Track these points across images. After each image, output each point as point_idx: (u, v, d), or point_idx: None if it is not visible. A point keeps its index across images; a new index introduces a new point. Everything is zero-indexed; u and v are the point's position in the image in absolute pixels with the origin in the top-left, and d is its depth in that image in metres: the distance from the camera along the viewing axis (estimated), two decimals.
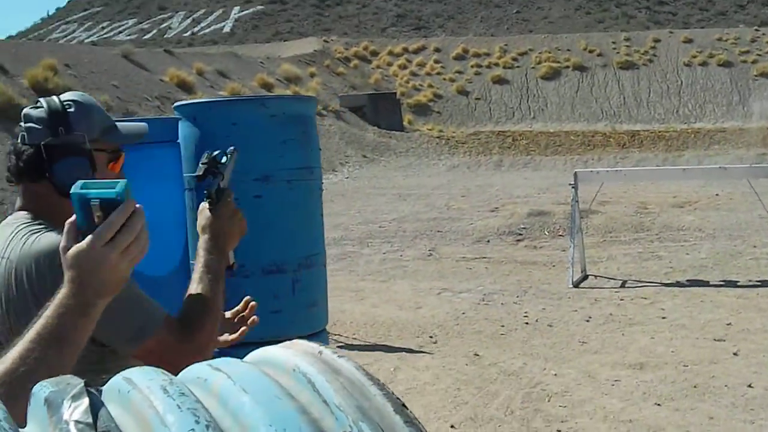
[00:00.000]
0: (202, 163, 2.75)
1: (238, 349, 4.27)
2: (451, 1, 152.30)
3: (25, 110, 2.57)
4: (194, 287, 2.53)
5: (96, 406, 0.94)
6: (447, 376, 7.93)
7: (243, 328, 2.93)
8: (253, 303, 3.03)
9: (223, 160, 2.79)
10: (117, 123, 2.66)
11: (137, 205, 1.77)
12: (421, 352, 8.85)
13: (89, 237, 1.71)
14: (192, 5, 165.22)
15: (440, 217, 18.40)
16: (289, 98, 8.76)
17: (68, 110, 2.53)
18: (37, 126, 2.49)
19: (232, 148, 2.86)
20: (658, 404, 6.80)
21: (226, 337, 2.86)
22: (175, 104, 4.68)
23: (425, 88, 53.85)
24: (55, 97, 2.57)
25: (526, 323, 9.68)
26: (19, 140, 2.51)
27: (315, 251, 4.57)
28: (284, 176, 4.36)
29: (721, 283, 11.33)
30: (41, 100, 2.56)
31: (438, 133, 41.20)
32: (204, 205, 2.69)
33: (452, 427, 6.66)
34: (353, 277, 12.49)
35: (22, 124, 2.53)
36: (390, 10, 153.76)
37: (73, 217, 1.77)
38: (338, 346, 8.54)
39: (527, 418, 6.65)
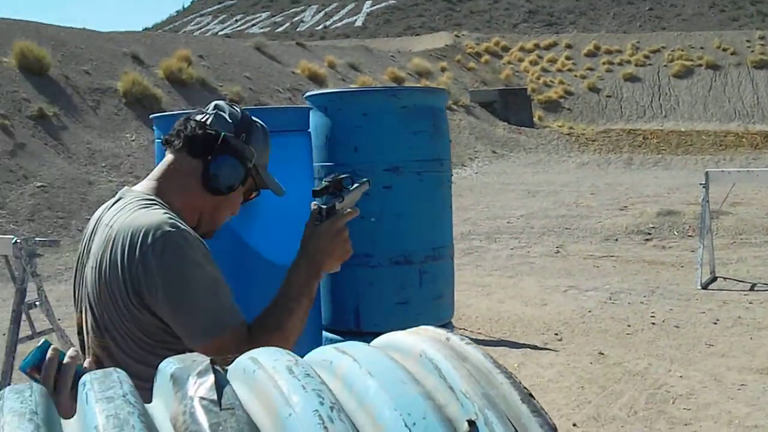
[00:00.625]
0: (326, 181, 2.78)
1: (364, 337, 4.28)
2: None
3: (222, 102, 2.77)
4: (274, 302, 2.57)
5: (221, 384, 0.94)
6: (571, 374, 7.86)
7: None
8: None
9: (350, 186, 2.83)
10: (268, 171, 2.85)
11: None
12: (546, 349, 8.79)
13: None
14: None
15: (569, 215, 18.22)
16: (420, 90, 8.76)
17: (255, 128, 2.75)
18: (228, 119, 2.68)
19: (366, 180, 2.96)
20: None
21: None
22: (306, 94, 4.71)
23: (556, 85, 53.54)
24: (248, 113, 2.80)
25: (653, 323, 9.52)
26: (202, 117, 2.68)
27: (443, 243, 4.56)
28: (414, 168, 4.34)
29: None
30: (238, 108, 2.79)
31: (568, 130, 40.82)
32: (312, 218, 2.74)
33: (574, 425, 6.60)
34: (480, 272, 12.46)
35: (210, 109, 2.73)
36: (522, 5, 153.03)
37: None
38: None
39: (650, 420, 6.55)
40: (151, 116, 4.58)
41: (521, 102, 42.49)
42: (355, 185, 2.86)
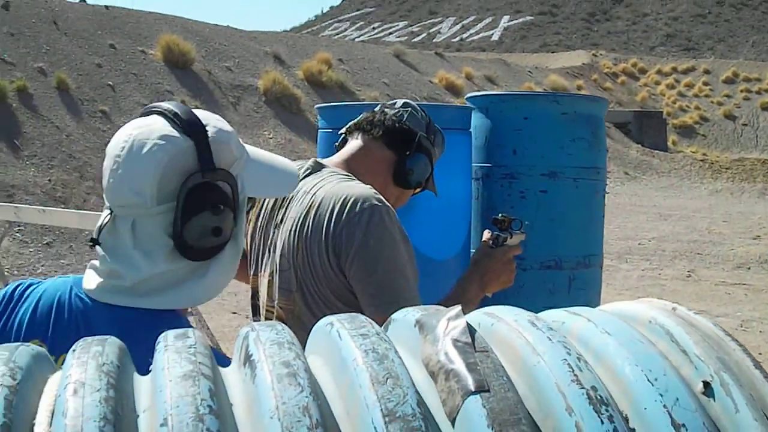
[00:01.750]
0: (503, 216, 3.01)
1: None
2: (722, 23, 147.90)
3: (410, 101, 2.94)
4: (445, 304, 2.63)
5: (471, 329, 0.97)
6: None
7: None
8: None
9: (516, 227, 3.04)
10: None
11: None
12: None
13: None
14: (462, 11, 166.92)
15: (700, 240, 17.87)
16: (581, 97, 8.68)
17: (438, 131, 2.93)
18: (420, 120, 2.86)
19: (525, 227, 3.12)
20: None
21: None
22: (468, 95, 4.76)
23: (692, 110, 52.54)
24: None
25: None
26: (396, 112, 2.83)
27: (594, 251, 4.55)
28: (571, 174, 4.35)
29: None
30: (424, 113, 2.92)
31: (701, 156, 39.95)
32: (486, 242, 2.97)
33: None
34: (610, 291, 12.30)
35: (399, 105, 2.89)
36: (660, 29, 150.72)
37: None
38: None
39: None
40: (317, 107, 4.67)
41: (656, 125, 41.78)
42: (521, 225, 3.08)
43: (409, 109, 2.84)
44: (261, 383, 0.86)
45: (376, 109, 2.91)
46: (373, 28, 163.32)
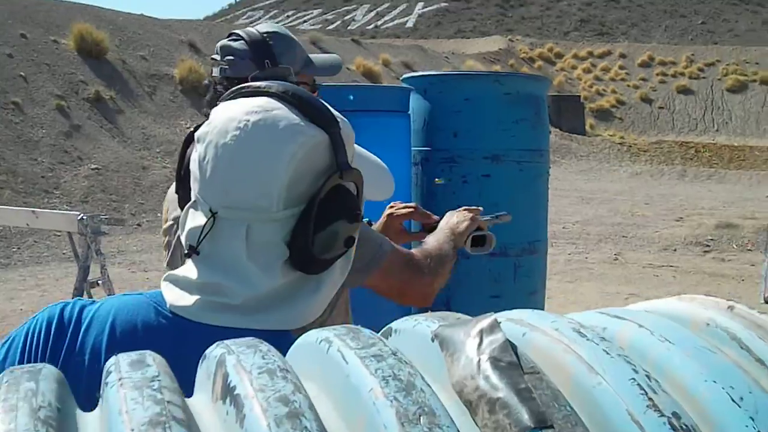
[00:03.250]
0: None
1: None
2: (636, 8, 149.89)
3: (223, 42, 2.55)
4: (434, 239, 2.50)
5: (512, 344, 0.77)
6: None
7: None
8: None
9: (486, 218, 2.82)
10: (313, 57, 2.64)
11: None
12: None
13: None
14: None
15: (624, 223, 17.95)
16: (524, 76, 8.49)
17: (270, 42, 2.50)
18: (240, 58, 2.46)
19: (504, 213, 3.01)
20: None
21: None
22: (405, 75, 4.56)
23: (608, 94, 53.05)
24: (253, 29, 2.54)
25: None
26: (218, 73, 2.49)
27: (539, 237, 4.40)
28: (514, 157, 4.18)
29: None
30: (239, 32, 2.53)
31: (619, 139, 40.32)
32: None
33: None
34: None
35: (216, 56, 2.50)
36: (574, 14, 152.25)
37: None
38: None
39: None
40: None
41: (574, 109, 42.02)
42: (492, 219, 2.89)
43: (220, 58, 2.52)
44: (254, 427, 0.64)
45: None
46: (288, 16, 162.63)
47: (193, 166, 1.43)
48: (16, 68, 20.17)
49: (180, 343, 1.35)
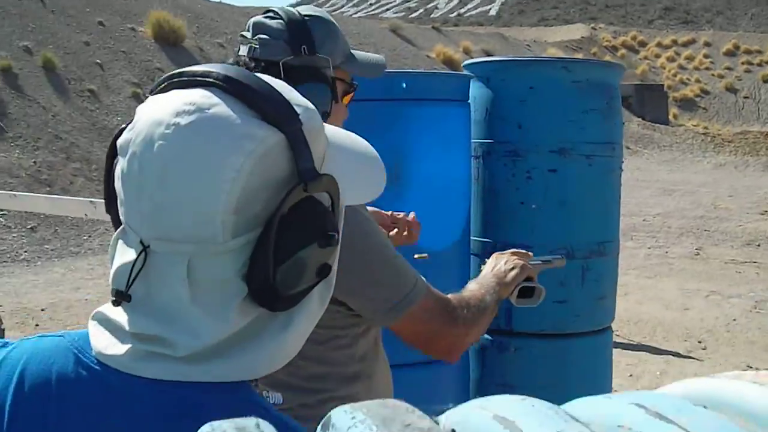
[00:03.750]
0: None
1: (514, 338, 3.79)
2: None
3: (257, 19, 2.13)
4: (477, 285, 2.27)
5: None
6: None
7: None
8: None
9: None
10: (356, 53, 2.28)
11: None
12: (689, 357, 8.23)
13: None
14: None
15: (707, 216, 17.47)
16: (594, 62, 8.03)
17: (311, 27, 2.15)
18: (274, 39, 2.11)
19: (559, 257, 2.72)
20: None
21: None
22: (466, 62, 4.25)
23: (692, 83, 52.18)
24: (294, 10, 2.16)
25: None
26: (246, 52, 2.12)
27: (609, 238, 4.05)
28: (584, 150, 3.84)
29: None
30: (277, 9, 2.17)
31: (703, 129, 39.53)
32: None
33: None
34: None
35: (247, 34, 2.13)
36: (658, 2, 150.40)
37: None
38: None
39: None
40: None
41: (657, 99, 41.30)
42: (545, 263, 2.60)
43: (252, 36, 2.15)
44: None
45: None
46: (370, 4, 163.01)
47: (117, 185, 1.10)
48: (92, 56, 20.27)
49: (104, 401, 1.07)
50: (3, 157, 14.78)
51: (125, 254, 1.08)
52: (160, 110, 1.06)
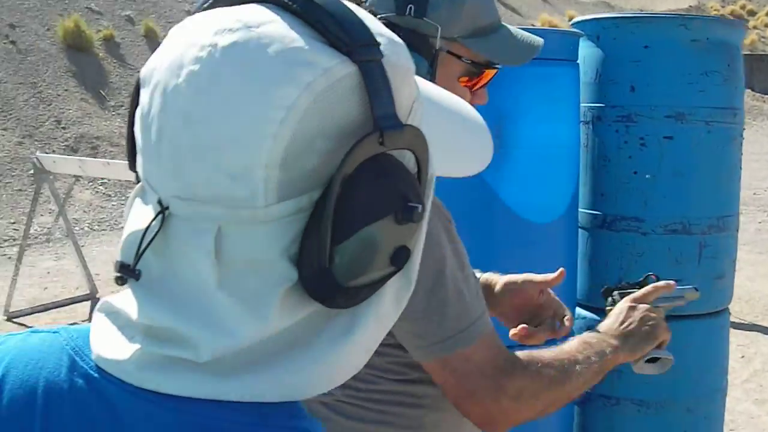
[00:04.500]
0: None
1: None
2: None
3: None
4: (585, 342, 1.80)
5: None
6: None
7: (543, 335, 1.99)
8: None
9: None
10: (506, 30, 1.87)
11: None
12: None
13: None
14: None
15: None
16: (714, 20, 7.58)
17: None
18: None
19: (691, 288, 2.16)
20: None
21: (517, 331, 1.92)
22: (575, 19, 3.96)
23: None
24: None
25: None
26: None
27: (729, 211, 3.74)
28: (702, 116, 3.54)
29: None
30: None
31: None
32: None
33: None
34: None
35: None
36: None
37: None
38: None
39: None
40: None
41: (766, 69, 40.24)
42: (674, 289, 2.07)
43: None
44: None
45: None
46: None
47: (136, 128, 0.83)
48: None
49: (100, 420, 0.81)
50: (104, 125, 14.87)
51: (140, 219, 0.82)
52: (196, 30, 0.79)
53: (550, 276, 2.05)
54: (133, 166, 0.88)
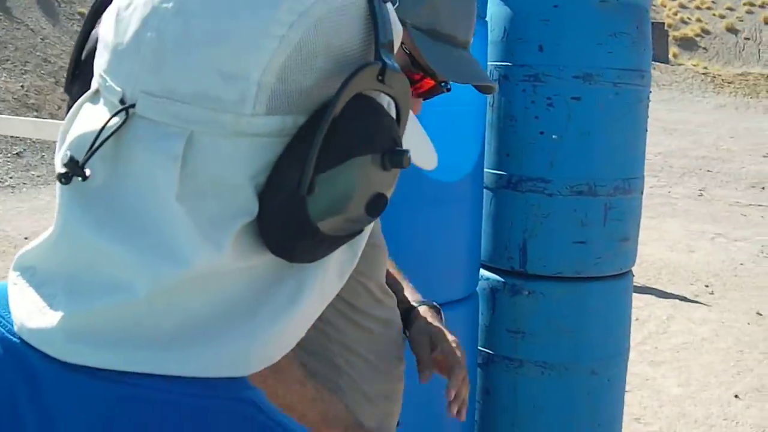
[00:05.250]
0: None
1: (529, 280, 3.47)
2: None
3: None
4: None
5: None
6: (727, 334, 7.09)
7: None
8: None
9: None
10: (466, 54, 1.76)
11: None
12: (696, 302, 8.01)
13: None
14: None
15: (709, 156, 17.25)
16: None
17: None
18: None
19: None
20: None
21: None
22: None
23: (693, 22, 51.58)
24: None
25: None
26: None
27: (635, 174, 3.73)
28: (610, 77, 3.50)
29: None
30: None
31: (703, 69, 39.17)
32: None
33: (736, 396, 5.82)
34: None
35: None
36: None
37: None
38: None
39: None
40: None
41: (657, 37, 40.72)
42: None
43: None
44: None
45: None
46: None
47: (104, 28, 0.73)
48: None
49: (22, 393, 0.69)
50: None
51: (93, 120, 0.70)
52: None
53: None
54: (69, 88, 0.81)
